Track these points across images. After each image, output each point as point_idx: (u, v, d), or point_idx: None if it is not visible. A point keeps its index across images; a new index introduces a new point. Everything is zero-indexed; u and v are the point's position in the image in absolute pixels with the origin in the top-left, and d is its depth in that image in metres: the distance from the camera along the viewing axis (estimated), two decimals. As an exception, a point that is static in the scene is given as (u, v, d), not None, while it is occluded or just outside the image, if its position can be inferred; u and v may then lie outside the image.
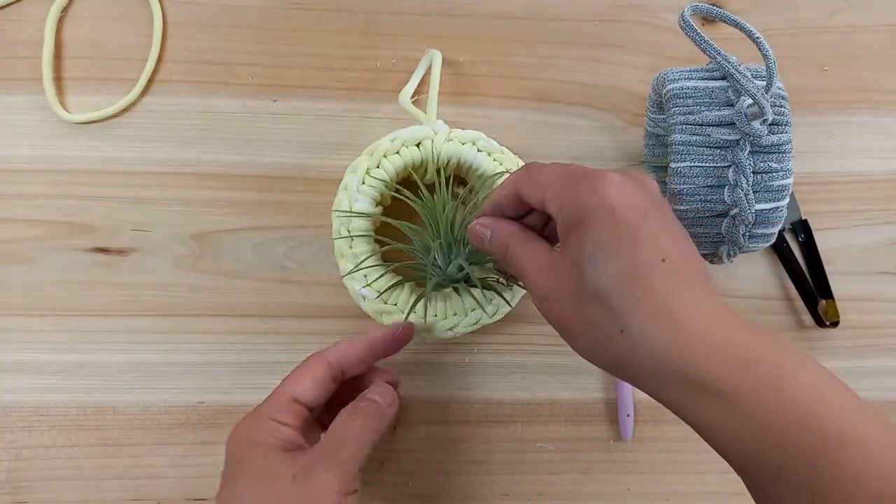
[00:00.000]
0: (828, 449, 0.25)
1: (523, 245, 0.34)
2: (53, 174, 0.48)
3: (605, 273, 0.29)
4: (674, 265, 0.30)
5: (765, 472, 0.27)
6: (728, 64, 0.37)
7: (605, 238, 0.30)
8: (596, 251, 0.29)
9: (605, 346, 0.30)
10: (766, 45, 0.36)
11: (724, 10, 0.36)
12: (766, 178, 0.38)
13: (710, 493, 0.49)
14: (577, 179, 0.31)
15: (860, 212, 0.50)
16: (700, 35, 0.36)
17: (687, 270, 0.30)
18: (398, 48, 0.50)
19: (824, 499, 0.25)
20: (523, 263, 0.33)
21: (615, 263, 0.29)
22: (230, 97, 0.49)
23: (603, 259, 0.29)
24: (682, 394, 0.28)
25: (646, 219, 0.30)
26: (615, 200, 0.30)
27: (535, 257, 0.33)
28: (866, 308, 0.50)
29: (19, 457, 0.47)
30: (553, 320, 0.32)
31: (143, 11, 0.50)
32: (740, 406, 0.27)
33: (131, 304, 0.48)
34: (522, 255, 0.33)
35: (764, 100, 0.36)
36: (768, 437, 0.26)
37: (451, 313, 0.44)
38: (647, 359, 0.29)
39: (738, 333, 0.28)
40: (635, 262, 0.29)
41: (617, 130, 0.50)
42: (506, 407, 0.49)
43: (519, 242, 0.34)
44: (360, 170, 0.44)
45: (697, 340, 0.28)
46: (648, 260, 0.29)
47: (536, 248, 0.33)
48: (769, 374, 0.27)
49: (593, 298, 0.30)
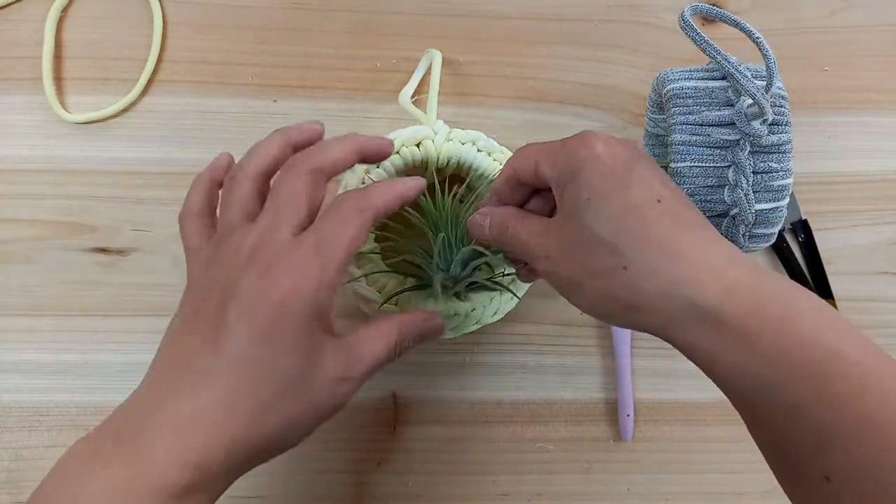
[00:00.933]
0: (830, 369, 0.26)
1: (521, 220, 0.34)
2: (53, 174, 0.48)
3: (601, 214, 0.30)
4: (669, 206, 0.30)
5: (767, 395, 0.27)
6: (728, 64, 0.37)
7: (597, 183, 0.30)
8: (591, 195, 0.30)
9: (608, 290, 0.30)
10: (766, 45, 0.36)
11: (724, 10, 0.37)
12: (766, 178, 0.38)
13: (710, 493, 0.49)
14: (565, 141, 0.33)
15: (860, 212, 0.50)
16: (700, 35, 0.36)
17: (684, 212, 0.31)
18: (398, 48, 0.50)
19: (822, 417, 0.26)
20: (523, 236, 0.34)
21: (610, 203, 0.30)
22: (230, 97, 0.49)
23: (597, 202, 0.30)
24: (689, 325, 0.28)
25: (634, 166, 0.31)
26: (603, 151, 0.31)
27: (534, 226, 0.34)
28: (866, 308, 0.50)
29: (19, 457, 0.47)
30: (557, 279, 0.33)
31: (143, 11, 0.50)
32: (752, 336, 0.27)
33: (131, 304, 0.48)
34: (521, 228, 0.34)
35: (764, 100, 0.36)
36: (775, 363, 0.26)
37: (452, 313, 0.44)
38: (652, 291, 0.29)
39: (742, 267, 0.29)
40: (630, 200, 0.30)
41: (617, 130, 0.50)
42: (506, 407, 0.49)
43: (516, 219, 0.35)
44: (360, 170, 0.44)
45: (704, 271, 0.28)
46: (642, 200, 0.30)
47: (534, 219, 0.34)
48: (778, 306, 0.27)
49: (593, 243, 0.30)
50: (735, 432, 0.49)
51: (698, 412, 0.49)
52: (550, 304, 0.49)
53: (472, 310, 0.45)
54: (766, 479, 0.49)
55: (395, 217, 0.39)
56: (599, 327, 0.49)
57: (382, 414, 0.48)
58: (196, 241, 0.35)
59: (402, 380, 0.48)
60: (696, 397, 0.49)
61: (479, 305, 0.45)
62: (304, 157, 0.34)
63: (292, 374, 0.30)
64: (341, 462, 0.48)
